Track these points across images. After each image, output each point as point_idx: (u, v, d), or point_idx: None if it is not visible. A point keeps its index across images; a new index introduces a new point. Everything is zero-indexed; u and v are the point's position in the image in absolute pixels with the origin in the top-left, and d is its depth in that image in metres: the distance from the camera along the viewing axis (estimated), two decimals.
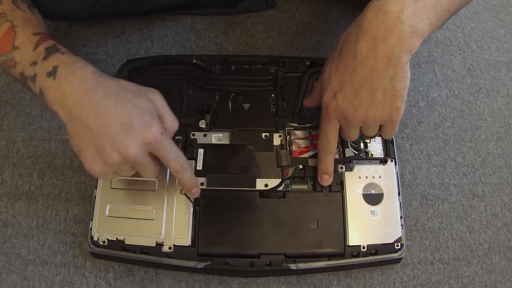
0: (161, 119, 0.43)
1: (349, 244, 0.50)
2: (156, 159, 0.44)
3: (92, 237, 0.50)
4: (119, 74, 0.59)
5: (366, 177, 0.53)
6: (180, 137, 0.53)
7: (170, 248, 0.49)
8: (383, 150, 0.55)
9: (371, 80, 0.41)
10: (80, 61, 0.43)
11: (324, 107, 0.45)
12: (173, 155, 0.43)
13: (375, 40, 0.40)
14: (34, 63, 0.43)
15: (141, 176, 0.44)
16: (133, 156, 0.40)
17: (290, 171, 0.52)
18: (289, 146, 0.54)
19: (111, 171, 0.42)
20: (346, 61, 0.42)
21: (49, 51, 0.43)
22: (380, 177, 0.53)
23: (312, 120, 0.56)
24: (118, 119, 0.40)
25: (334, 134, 0.47)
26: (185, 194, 0.51)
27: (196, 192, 0.49)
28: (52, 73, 0.42)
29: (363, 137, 0.47)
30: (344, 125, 0.45)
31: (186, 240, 0.49)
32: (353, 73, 0.41)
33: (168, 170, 0.52)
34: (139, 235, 0.49)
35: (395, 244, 0.50)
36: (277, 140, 0.54)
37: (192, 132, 0.54)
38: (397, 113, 0.43)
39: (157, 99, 0.44)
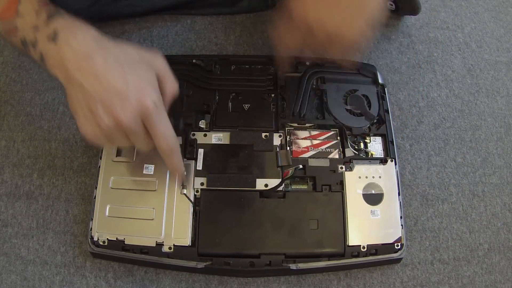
0: (161, 81, 0.43)
1: (349, 244, 0.50)
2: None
3: (92, 237, 0.50)
4: None
5: (366, 177, 0.53)
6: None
7: (170, 248, 0.49)
8: (383, 150, 0.55)
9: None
10: (82, 25, 0.44)
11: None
12: (162, 132, 0.43)
13: None
14: (36, 28, 0.43)
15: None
16: (125, 122, 0.41)
17: (290, 171, 0.52)
18: (289, 146, 0.54)
19: (103, 135, 0.42)
20: None
21: (51, 15, 0.44)
22: (380, 177, 0.53)
23: (312, 120, 0.56)
24: (115, 85, 0.41)
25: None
26: (185, 194, 0.51)
27: (180, 180, 0.49)
28: (53, 37, 0.42)
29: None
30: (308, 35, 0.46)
31: (186, 240, 0.49)
32: None
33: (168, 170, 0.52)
34: (139, 235, 0.49)
35: (395, 244, 0.50)
36: (277, 140, 0.54)
37: (192, 132, 0.54)
38: (354, 31, 0.44)
39: (158, 61, 0.45)
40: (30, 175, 0.57)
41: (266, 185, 0.52)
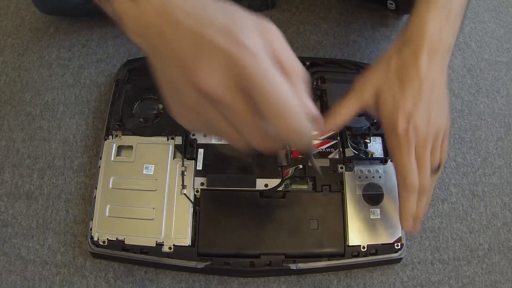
0: (276, 59, 0.30)
1: (349, 244, 0.50)
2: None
3: (92, 237, 0.50)
4: (119, 74, 0.59)
5: (366, 177, 0.53)
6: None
7: (170, 248, 0.49)
8: (383, 150, 0.55)
9: (439, 91, 0.44)
10: None
11: (400, 133, 0.42)
12: (274, 97, 0.28)
13: (431, 55, 0.42)
14: None
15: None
16: (210, 89, 0.28)
17: (290, 171, 0.52)
18: (289, 146, 0.54)
19: (194, 117, 0.31)
20: (410, 81, 0.42)
21: None
22: (380, 177, 0.53)
23: None
24: (196, 35, 0.28)
25: (415, 163, 0.43)
26: (185, 194, 0.51)
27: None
28: None
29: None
30: (421, 149, 0.43)
31: (186, 240, 0.49)
32: (421, 88, 0.42)
33: (168, 168, 0.52)
34: (139, 235, 0.49)
35: (395, 244, 0.50)
36: None
37: (192, 132, 0.54)
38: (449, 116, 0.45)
39: (272, 31, 0.30)
40: (30, 175, 0.57)
41: (266, 185, 0.52)
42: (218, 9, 0.30)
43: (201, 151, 0.53)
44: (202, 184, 0.51)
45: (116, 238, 0.49)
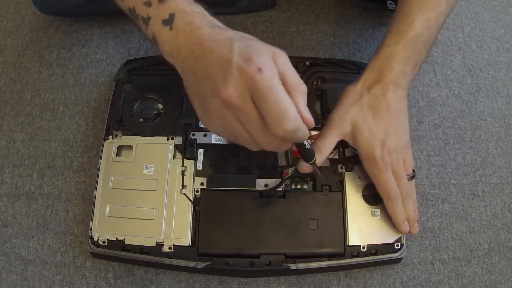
0: (282, 80, 0.37)
1: (349, 244, 0.50)
2: None
3: (92, 237, 0.50)
4: (119, 74, 0.59)
5: (366, 177, 0.53)
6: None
7: (170, 248, 0.49)
8: None
9: (403, 115, 0.50)
10: (199, 11, 0.40)
11: (379, 160, 0.48)
12: (274, 108, 0.35)
13: (396, 86, 0.49)
14: (148, 3, 0.40)
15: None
16: (229, 98, 0.35)
17: (290, 171, 0.52)
18: (291, 147, 0.54)
19: (220, 125, 0.39)
20: (380, 112, 0.49)
21: None
22: None
23: None
24: (220, 57, 0.36)
25: (393, 178, 0.49)
26: (185, 194, 0.51)
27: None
28: (169, 22, 0.39)
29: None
30: (395, 164, 0.49)
31: (186, 240, 0.49)
32: (389, 117, 0.49)
33: (168, 168, 0.52)
34: (139, 235, 0.49)
35: (395, 244, 0.50)
36: None
37: (192, 132, 0.54)
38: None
39: (280, 55, 0.38)
40: (30, 175, 0.57)
41: (266, 185, 0.52)
42: (237, 38, 0.37)
43: (201, 151, 0.53)
44: (202, 184, 0.51)
45: (116, 238, 0.49)
